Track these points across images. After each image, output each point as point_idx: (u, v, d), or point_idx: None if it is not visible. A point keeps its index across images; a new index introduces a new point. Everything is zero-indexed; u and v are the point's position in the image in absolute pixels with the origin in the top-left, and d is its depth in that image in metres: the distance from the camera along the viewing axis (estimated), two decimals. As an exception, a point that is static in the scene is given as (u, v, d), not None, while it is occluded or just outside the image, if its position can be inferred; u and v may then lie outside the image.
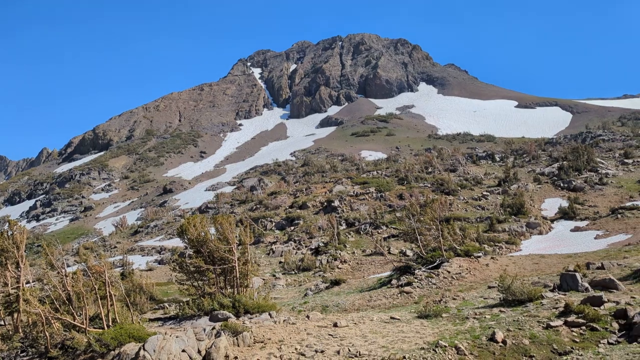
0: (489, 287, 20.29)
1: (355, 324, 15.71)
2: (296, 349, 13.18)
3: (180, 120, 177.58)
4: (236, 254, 18.73)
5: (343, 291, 25.57)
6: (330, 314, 19.05)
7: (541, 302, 15.83)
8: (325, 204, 51.01)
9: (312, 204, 52.09)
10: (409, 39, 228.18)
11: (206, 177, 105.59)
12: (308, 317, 17.13)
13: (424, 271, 24.53)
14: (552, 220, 40.23)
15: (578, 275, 17.65)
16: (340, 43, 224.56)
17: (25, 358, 13.98)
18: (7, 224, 16.96)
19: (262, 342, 14.03)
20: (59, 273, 14.92)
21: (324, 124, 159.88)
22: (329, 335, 14.28)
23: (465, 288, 21.58)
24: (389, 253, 34.88)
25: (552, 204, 44.57)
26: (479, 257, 26.61)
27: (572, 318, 13.73)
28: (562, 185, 49.66)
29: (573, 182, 48.86)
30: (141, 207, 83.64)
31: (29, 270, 16.76)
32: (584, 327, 13.35)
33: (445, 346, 12.59)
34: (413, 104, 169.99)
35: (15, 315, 15.81)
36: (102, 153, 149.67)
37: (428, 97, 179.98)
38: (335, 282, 27.83)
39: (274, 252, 40.13)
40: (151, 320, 18.60)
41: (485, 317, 15.23)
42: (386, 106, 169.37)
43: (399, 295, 21.88)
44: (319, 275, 32.21)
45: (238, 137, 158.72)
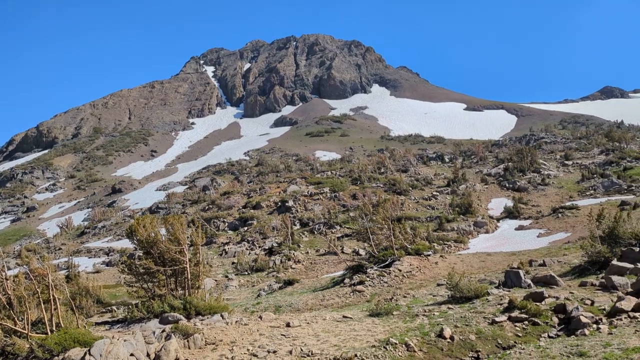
0: (438, 285, 20.84)
1: (308, 323, 15.81)
2: (248, 349, 13.15)
3: (130, 118, 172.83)
4: (187, 255, 18.46)
5: (296, 291, 25.64)
6: (283, 314, 19.08)
7: (487, 299, 16.42)
8: (279, 204, 50.93)
9: (266, 204, 51.89)
10: (363, 40, 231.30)
11: (157, 177, 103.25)
12: (261, 317, 17.10)
13: (376, 270, 24.94)
14: (498, 220, 41.71)
15: (521, 272, 18.41)
16: (294, 43, 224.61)
17: (-39, 367, 13.30)
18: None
19: (213, 343, 13.91)
20: (-1, 277, 14.26)
21: (278, 123, 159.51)
22: (282, 335, 14.32)
23: (415, 286, 22.09)
24: (343, 252, 35.21)
25: (498, 204, 46.21)
26: (429, 255, 27.31)
27: (515, 313, 14.31)
28: (507, 185, 51.57)
29: (517, 183, 50.84)
30: (88, 208, 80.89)
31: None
32: (526, 322, 13.94)
33: (396, 343, 12.88)
34: (366, 105, 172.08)
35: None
36: (46, 151, 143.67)
37: (381, 98, 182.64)
38: (289, 282, 27.86)
39: (226, 253, 39.74)
40: (98, 324, 18.08)
41: (434, 314, 15.66)
42: (340, 107, 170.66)
43: (352, 294, 22.16)
44: (273, 276, 32.14)
45: (190, 136, 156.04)
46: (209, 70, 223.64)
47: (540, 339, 12.96)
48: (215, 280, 31.92)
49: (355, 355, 12.20)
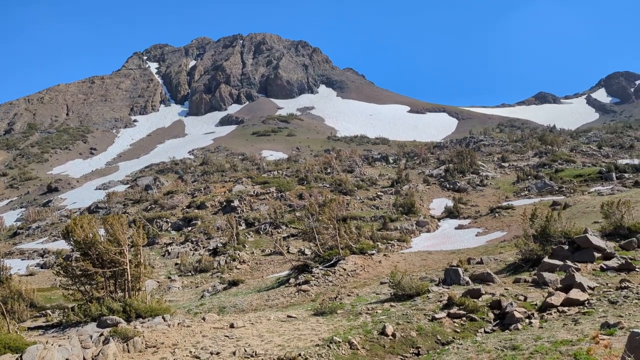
0: (381, 283, 21.25)
1: (252, 324, 15.73)
2: (191, 352, 12.93)
3: (68, 114, 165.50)
4: (128, 256, 17.92)
5: (241, 292, 25.44)
6: (227, 315, 18.88)
7: (428, 296, 16.90)
8: (225, 203, 50.29)
9: (210, 204, 51.10)
10: (310, 41, 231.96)
11: (97, 176, 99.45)
12: (204, 319, 16.85)
13: (321, 269, 25.12)
14: (439, 219, 43.01)
15: (460, 270, 19.08)
16: (241, 42, 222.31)
17: None
18: None
19: (154, 346, 13.59)
20: None
21: (224, 122, 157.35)
22: (225, 336, 14.17)
23: (359, 284, 22.43)
24: (288, 252, 35.23)
25: (439, 204, 47.63)
26: (373, 254, 27.77)
27: (454, 310, 14.83)
28: (448, 186, 53.27)
29: (458, 184, 52.62)
30: (21, 207, 76.78)
31: None
32: (464, 318, 14.47)
33: (339, 342, 13.04)
34: (313, 106, 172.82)
35: None
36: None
37: (328, 99, 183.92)
38: (234, 283, 27.61)
39: (169, 254, 38.85)
40: (31, 329, 17.24)
41: (377, 312, 15.96)
42: (287, 106, 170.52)
43: (297, 293, 22.22)
44: (217, 277, 31.73)
45: (132, 133, 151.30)
46: (153, 66, 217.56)
47: (477, 334, 13.48)
48: (158, 282, 31.15)
49: (299, 354, 12.25)
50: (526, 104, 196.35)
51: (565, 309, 13.77)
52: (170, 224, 47.43)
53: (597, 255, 18.04)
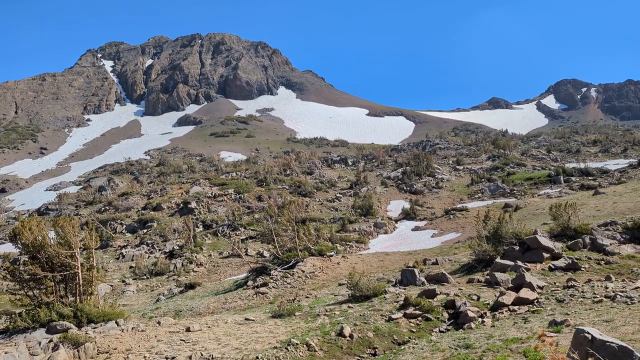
0: (340, 285, 21.39)
1: (209, 327, 15.54)
2: (145, 357, 12.66)
3: (16, 112, 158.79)
4: (79, 260, 17.36)
5: (198, 295, 25.08)
6: (183, 319, 18.57)
7: (385, 297, 17.13)
8: (182, 205, 49.44)
9: (167, 206, 50.13)
10: (270, 42, 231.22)
11: (47, 176, 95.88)
12: (159, 323, 16.52)
13: (280, 271, 25.06)
14: (396, 221, 43.66)
15: (416, 271, 19.44)
16: (200, 41, 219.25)
17: None
18: None
19: (107, 352, 13.22)
20: None
21: (181, 122, 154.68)
22: (181, 340, 13.94)
23: (318, 286, 22.50)
24: (247, 255, 34.96)
25: (396, 206, 48.36)
26: (332, 256, 27.93)
27: (410, 310, 15.09)
28: (405, 188, 54.16)
29: (414, 186, 53.58)
30: (-36, 209, 73.08)
31: None
32: (420, 318, 14.75)
33: (297, 344, 13.05)
34: (273, 107, 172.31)
35: None
36: None
37: (287, 101, 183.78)
38: (190, 286, 27.18)
39: (124, 257, 37.86)
40: (-25, 337, 16.44)
41: (335, 314, 16.05)
42: (246, 108, 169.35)
43: (255, 296, 22.09)
44: (173, 280, 31.16)
45: (86, 133, 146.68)
46: (108, 64, 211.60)
47: (432, 334, 13.76)
48: (111, 286, 30.32)
49: (257, 357, 12.20)
50: (480, 108, 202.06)
51: (516, 307, 14.24)
52: (125, 226, 46.22)
53: (546, 255, 18.74)
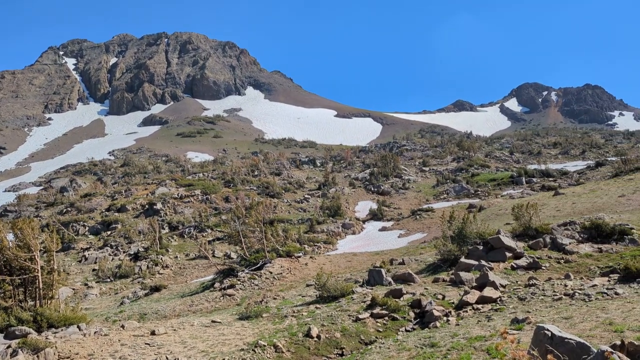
0: (307, 285, 21.40)
1: (175, 330, 15.31)
2: (109, 361, 12.38)
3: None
4: (39, 263, 16.86)
5: (163, 297, 24.69)
6: (148, 322, 18.25)
7: (352, 297, 17.23)
8: (147, 206, 48.57)
9: (132, 207, 49.15)
10: (238, 42, 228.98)
11: (6, 177, 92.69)
12: (123, 326, 16.18)
13: (247, 273, 24.92)
14: (364, 221, 43.99)
15: (383, 271, 19.63)
16: (166, 40, 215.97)
17: None
18: None
19: (68, 357, 12.87)
20: None
21: (147, 122, 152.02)
22: (146, 344, 13.69)
23: (285, 287, 22.46)
24: (214, 256, 34.61)
25: (364, 206, 48.73)
26: (299, 257, 27.93)
27: (377, 310, 15.22)
28: (372, 189, 54.64)
29: (382, 187, 54.11)
30: None
31: None
32: (386, 318, 14.89)
33: (264, 345, 13.00)
34: (241, 108, 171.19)
35: None
36: None
37: (255, 101, 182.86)
38: (156, 289, 26.74)
39: (86, 259, 36.93)
40: None
41: (302, 315, 16.05)
42: (214, 108, 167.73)
43: (222, 298, 21.90)
44: (138, 282, 30.60)
45: (47, 132, 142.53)
46: (70, 62, 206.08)
47: (398, 333, 13.91)
48: (73, 289, 29.55)
49: (223, 359, 12.09)
50: (446, 111, 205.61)
51: (480, 306, 14.55)
52: (87, 228, 45.09)
53: (508, 254, 19.20)
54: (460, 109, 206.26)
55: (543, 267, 17.92)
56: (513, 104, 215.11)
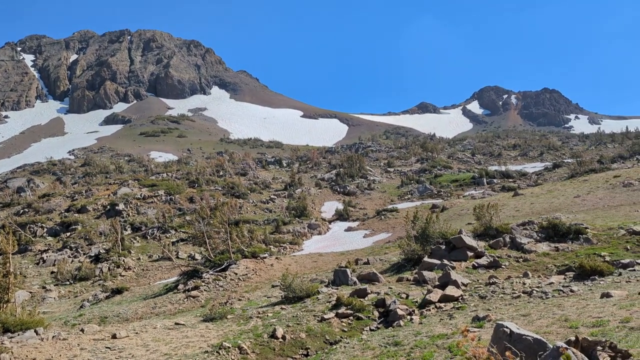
0: (273, 286, 21.37)
1: (137, 333, 15.03)
2: (68, 366, 12.06)
3: None
4: (-5, 266, 16.30)
5: (125, 300, 24.21)
6: (109, 326, 17.85)
7: (317, 297, 17.30)
8: (109, 207, 47.43)
9: (93, 208, 47.91)
10: (203, 41, 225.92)
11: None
12: (83, 330, 15.77)
13: (212, 274, 24.69)
14: (330, 222, 44.19)
15: (348, 271, 19.77)
16: (129, 37, 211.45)
17: None
18: None
19: (25, 363, 12.47)
20: None
21: (109, 121, 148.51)
22: (107, 348, 13.39)
23: (251, 288, 22.36)
24: (177, 258, 34.12)
25: (330, 207, 48.95)
26: (265, 257, 27.84)
27: (342, 310, 15.33)
28: (338, 189, 54.94)
29: (347, 187, 54.47)
30: None
31: None
32: (351, 317, 15.02)
33: (229, 347, 12.91)
34: (206, 107, 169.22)
35: None
36: None
37: (220, 101, 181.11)
38: (117, 291, 26.19)
39: (45, 262, 35.81)
40: None
41: (267, 315, 16.03)
42: (178, 107, 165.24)
43: (186, 300, 21.63)
44: (99, 285, 29.88)
45: (3, 130, 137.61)
46: (28, 58, 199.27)
47: (363, 332, 14.05)
48: (30, 292, 28.62)
49: (187, 362, 11.95)
50: (410, 112, 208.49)
51: (442, 304, 14.86)
52: (46, 230, 43.70)
53: (470, 254, 19.65)
54: (424, 111, 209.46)
55: (503, 266, 18.41)
56: (475, 107, 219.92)
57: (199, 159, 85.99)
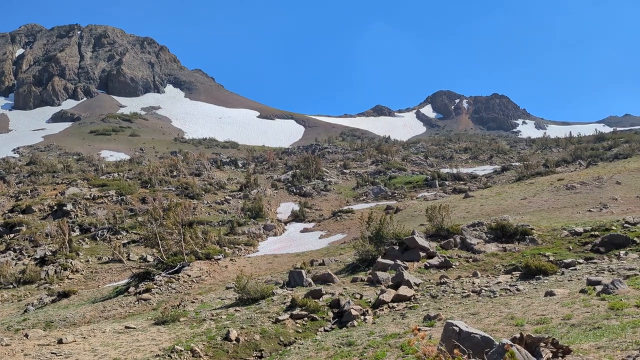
0: (227, 288, 21.17)
1: (85, 338, 14.57)
2: (10, 374, 11.57)
3: None
4: None
5: (73, 303, 23.41)
6: (55, 330, 17.21)
7: (272, 299, 17.27)
8: (56, 207, 45.71)
9: (38, 208, 46.04)
10: (157, 38, 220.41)
11: None
12: (27, 335, 15.15)
13: (165, 276, 24.22)
14: (286, 223, 44.16)
15: (303, 272, 19.84)
16: (79, 32, 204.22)
17: None
18: None
19: (-37, 372, 11.88)
20: None
21: (57, 118, 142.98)
22: (52, 353, 12.92)
23: (204, 290, 22.08)
24: (129, 259, 33.29)
25: (286, 208, 48.90)
26: (219, 259, 27.55)
27: (297, 311, 15.37)
28: (294, 190, 54.97)
29: (304, 188, 54.58)
30: None
31: None
32: (306, 318, 15.09)
33: (181, 350, 12.72)
34: (159, 106, 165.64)
35: None
36: None
37: (175, 99, 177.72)
38: (64, 294, 25.28)
39: (-15, 265, 34.13)
40: None
41: (221, 318, 15.87)
42: (131, 105, 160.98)
43: (137, 302, 21.12)
44: (45, 288, 28.77)
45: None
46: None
47: (317, 333, 14.14)
48: (-31, 298, 27.21)
49: (138, 366, 11.70)
50: (366, 115, 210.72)
51: (395, 304, 15.14)
52: (-14, 231, 41.67)
53: (422, 254, 20.10)
54: (379, 114, 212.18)
55: (454, 266, 18.94)
56: (428, 110, 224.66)
57: (152, 159, 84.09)
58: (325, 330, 14.40)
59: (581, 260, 17.07)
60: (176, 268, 25.14)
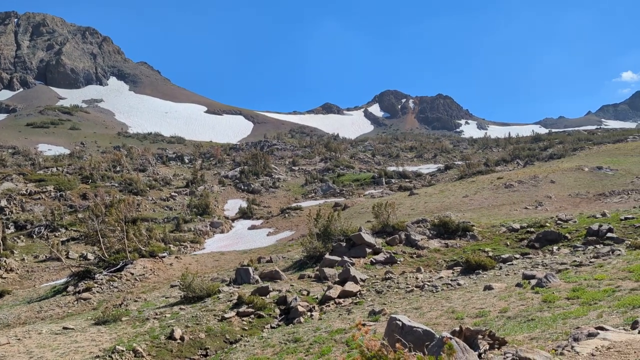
0: (172, 286, 20.77)
1: (19, 339, 13.92)
2: None
3: None
4: None
5: (7, 304, 22.31)
6: (-13, 333, 16.35)
7: (218, 297, 17.08)
8: (-13, 204, 43.28)
9: (-32, 205, 43.44)
10: (100, 29, 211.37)
11: None
12: (-45, 339, 14.33)
13: (106, 275, 23.47)
14: (233, 220, 43.74)
15: (251, 269, 19.74)
16: (16, 20, 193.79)
17: None
18: None
19: None
20: None
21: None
22: (-16, 357, 12.29)
23: (148, 289, 21.56)
24: (68, 258, 32.00)
25: (233, 205, 48.42)
26: (164, 257, 26.98)
27: (243, 308, 15.28)
28: (242, 187, 54.50)
29: (252, 185, 54.20)
30: None
31: None
32: (252, 316, 15.02)
33: (123, 350, 12.38)
34: (102, 98, 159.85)
35: None
36: None
37: (119, 92, 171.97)
38: (-3, 295, 24.03)
39: None
40: None
41: (165, 316, 15.56)
42: (71, 97, 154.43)
43: (76, 302, 20.37)
44: (-25, 289, 27.19)
45: None
46: None
47: (264, 331, 14.11)
48: None
49: (76, 368, 11.30)
50: (315, 112, 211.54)
51: (342, 300, 15.32)
52: None
53: (368, 250, 20.44)
54: (328, 112, 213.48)
55: (398, 262, 19.37)
56: (376, 109, 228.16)
57: (94, 153, 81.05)
58: (272, 327, 14.40)
59: (518, 256, 17.87)
60: (119, 266, 24.43)
